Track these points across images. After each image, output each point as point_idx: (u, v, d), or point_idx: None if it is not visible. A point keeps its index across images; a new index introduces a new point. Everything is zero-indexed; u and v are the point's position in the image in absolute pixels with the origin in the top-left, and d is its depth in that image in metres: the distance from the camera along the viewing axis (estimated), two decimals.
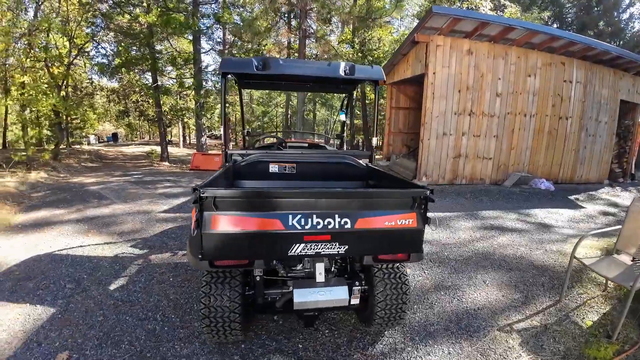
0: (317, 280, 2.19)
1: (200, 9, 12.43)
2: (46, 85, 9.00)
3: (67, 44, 10.33)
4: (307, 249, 1.89)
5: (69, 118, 12.97)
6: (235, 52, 13.67)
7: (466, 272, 3.66)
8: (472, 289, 3.30)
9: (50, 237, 4.67)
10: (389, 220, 1.93)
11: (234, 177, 3.11)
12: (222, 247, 1.86)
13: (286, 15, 12.46)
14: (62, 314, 2.89)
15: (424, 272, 3.65)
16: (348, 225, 1.89)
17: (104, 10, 11.13)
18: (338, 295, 2.15)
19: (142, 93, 18.51)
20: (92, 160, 14.78)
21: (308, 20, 11.24)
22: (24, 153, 8.65)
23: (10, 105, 8.60)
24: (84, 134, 25.89)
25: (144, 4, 10.76)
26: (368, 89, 14.47)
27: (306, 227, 1.86)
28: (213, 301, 2.11)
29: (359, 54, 15.04)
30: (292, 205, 1.89)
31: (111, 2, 11.12)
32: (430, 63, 7.60)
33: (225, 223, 1.82)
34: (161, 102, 13.73)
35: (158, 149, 15.99)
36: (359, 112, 17.89)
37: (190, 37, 12.52)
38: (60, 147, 11.49)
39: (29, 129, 8.57)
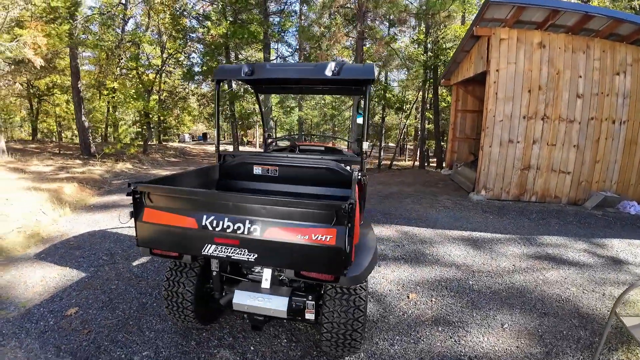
0: (262, 286, 2.14)
1: (270, 19, 13.28)
2: (134, 91, 10.78)
3: (159, 53, 12.27)
4: (218, 251, 1.89)
5: (161, 118, 15.29)
6: (300, 57, 14.26)
7: (485, 308, 2.98)
8: (481, 330, 2.67)
9: (110, 217, 5.51)
10: (303, 233, 1.73)
11: (223, 176, 3.20)
12: (151, 237, 2.05)
13: (342, 17, 12.35)
14: (87, 279, 3.48)
15: (430, 300, 3.11)
16: (257, 233, 1.80)
17: (188, 25, 12.82)
18: (275, 305, 2.06)
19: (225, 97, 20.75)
20: (176, 155, 17.10)
21: (368, 22, 10.94)
22: (114, 147, 10.45)
23: (103, 106, 10.54)
24: (180, 132, 30.33)
25: (213, 18, 12.02)
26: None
27: (217, 229, 1.86)
28: (171, 287, 2.34)
29: (430, 53, 13.99)
30: (209, 206, 1.91)
31: (192, 16, 12.75)
32: (492, 59, 6.55)
33: (152, 216, 2.00)
34: (234, 106, 15.10)
35: (231, 148, 17.70)
36: (430, 116, 16.60)
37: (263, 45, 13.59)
38: (150, 143, 13.60)
39: (118, 127, 10.42)
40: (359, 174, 2.79)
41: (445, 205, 6.55)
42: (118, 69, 10.26)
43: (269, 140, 4.53)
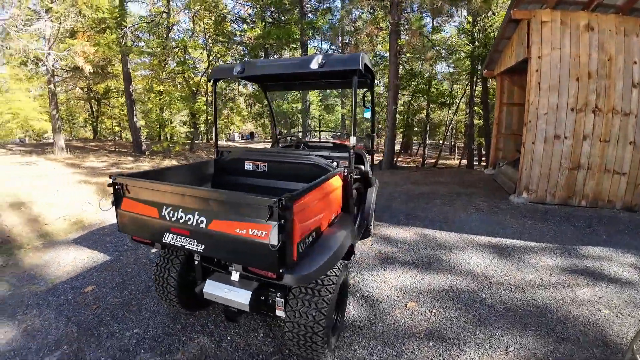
0: (231, 278, 2.18)
1: (309, 17, 13.33)
2: (178, 93, 11.65)
3: (206, 57, 13.10)
4: (174, 240, 1.96)
5: (208, 118, 16.33)
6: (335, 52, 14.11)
7: (491, 326, 2.62)
8: (479, 351, 2.34)
9: None
10: (241, 227, 1.70)
11: (218, 171, 3.30)
12: (129, 224, 2.22)
13: (372, 11, 11.83)
14: (110, 262, 3.86)
15: (430, 311, 2.84)
16: (203, 225, 1.83)
17: (231, 29, 13.45)
18: (238, 298, 2.09)
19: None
20: None
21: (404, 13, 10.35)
22: (161, 145, 11.39)
23: (155, 108, 11.56)
24: (230, 131, 32.12)
25: (247, 20, 12.43)
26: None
27: (172, 219, 1.95)
28: (159, 272, 2.54)
29: (477, 43, 12.85)
30: (167, 197, 1.97)
31: (231, 20, 13.34)
32: (533, 45, 5.73)
33: (129, 205, 2.17)
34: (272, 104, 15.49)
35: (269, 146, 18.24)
36: (480, 111, 15.27)
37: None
38: (197, 142, 14.60)
39: (165, 127, 11.39)
40: (345, 169, 2.64)
41: (479, 208, 5.97)
42: (164, 73, 11.19)
43: (279, 137, 4.57)
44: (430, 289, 3.21)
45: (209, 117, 16.76)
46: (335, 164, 2.79)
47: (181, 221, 1.90)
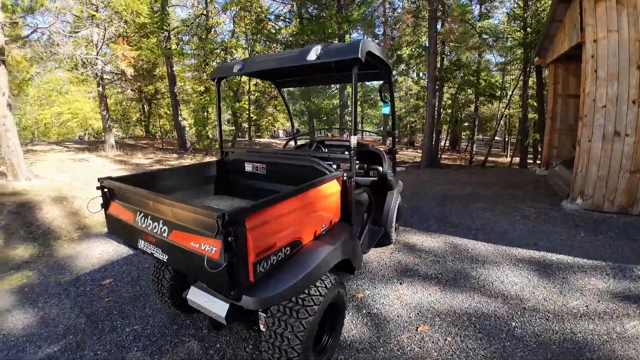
0: None
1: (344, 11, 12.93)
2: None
3: (248, 56, 13.43)
4: (146, 247, 1.90)
5: (250, 117, 16.84)
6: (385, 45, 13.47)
7: None
8: None
9: None
10: (195, 241, 1.54)
11: (222, 173, 3.23)
12: (115, 227, 2.20)
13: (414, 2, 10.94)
14: (131, 257, 4.02)
15: (445, 338, 2.44)
16: (165, 235, 1.71)
17: (270, 28, 13.61)
18: (216, 308, 1.96)
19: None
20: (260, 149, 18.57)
21: None
22: (202, 143, 11.97)
23: (193, 108, 12.13)
24: (275, 128, 32.97)
25: (282, 18, 12.38)
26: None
27: (143, 225, 1.89)
28: (155, 273, 2.57)
29: (529, 29, 11.33)
30: (139, 204, 1.90)
31: (268, 18, 13.45)
32: (587, 27, 4.76)
33: (115, 209, 2.17)
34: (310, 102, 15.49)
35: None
36: (534, 103, 13.56)
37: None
38: (240, 139, 15.09)
39: (206, 126, 11.93)
40: (345, 173, 2.36)
41: (525, 215, 5.21)
42: (205, 74, 11.69)
43: (296, 136, 4.41)
44: (450, 310, 2.79)
45: (252, 115, 17.32)
46: (334, 166, 2.52)
47: (149, 228, 1.84)
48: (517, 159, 14.88)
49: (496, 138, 24.45)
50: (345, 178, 2.34)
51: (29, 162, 7.78)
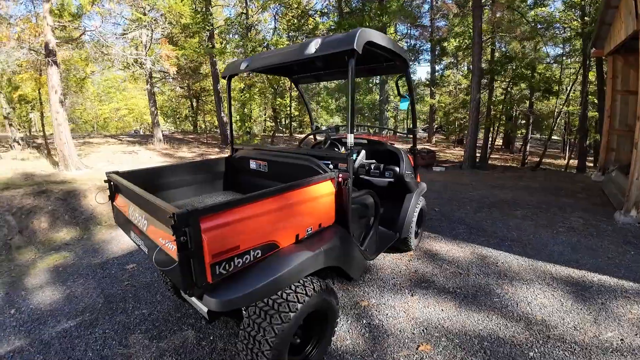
0: None
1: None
2: (257, 89, 12.41)
3: None
4: (135, 239, 1.95)
5: (291, 113, 17.11)
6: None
7: None
8: None
9: None
10: (163, 237, 1.55)
11: (231, 170, 3.27)
12: (117, 218, 2.31)
13: None
14: None
15: None
16: (145, 229, 1.75)
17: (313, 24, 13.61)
18: (200, 305, 1.96)
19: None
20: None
21: None
22: (242, 138, 12.41)
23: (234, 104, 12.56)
24: (319, 124, 33.35)
25: (317, 13, 12.18)
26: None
27: (132, 218, 1.95)
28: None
29: (587, 18, 9.81)
30: (131, 197, 1.96)
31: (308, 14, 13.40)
32: None
33: (119, 201, 2.27)
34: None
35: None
36: (595, 100, 11.82)
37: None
38: (280, 134, 15.41)
39: (245, 122, 12.39)
40: (340, 174, 2.22)
41: (571, 227, 4.56)
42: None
43: (315, 132, 4.35)
44: (461, 331, 2.52)
45: (292, 112, 17.58)
46: (331, 166, 2.38)
47: (135, 221, 1.91)
48: (575, 162, 13.22)
49: (554, 138, 22.00)
50: (340, 179, 2.20)
51: (84, 154, 8.71)
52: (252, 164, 2.98)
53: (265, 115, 24.36)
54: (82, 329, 2.59)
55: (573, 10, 10.78)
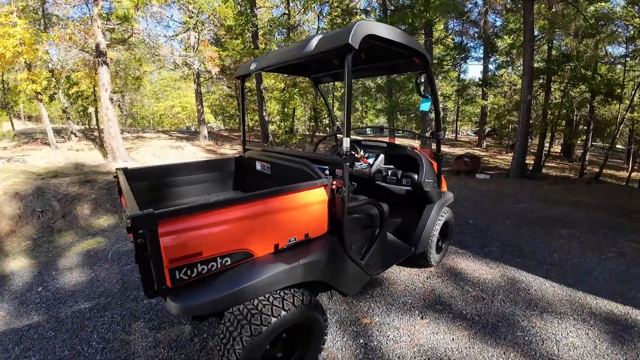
0: None
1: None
2: (296, 89, 12.52)
3: None
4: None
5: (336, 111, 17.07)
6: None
7: None
8: None
9: None
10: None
11: (240, 170, 3.28)
12: (124, 211, 2.33)
13: None
14: None
15: None
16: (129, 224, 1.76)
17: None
18: None
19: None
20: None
21: None
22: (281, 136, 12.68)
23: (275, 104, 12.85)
24: (363, 125, 33.11)
25: (357, 11, 11.79)
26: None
27: (126, 213, 1.94)
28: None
29: None
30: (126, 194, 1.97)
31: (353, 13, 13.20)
32: None
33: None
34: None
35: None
36: None
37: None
38: (318, 133, 15.45)
39: (284, 121, 12.65)
40: (334, 181, 2.08)
41: (622, 252, 3.91)
42: None
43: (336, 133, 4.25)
44: None
45: (335, 112, 17.57)
46: (327, 171, 2.25)
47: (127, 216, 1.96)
48: (637, 174, 11.38)
49: (618, 147, 19.20)
50: (334, 186, 2.07)
51: (135, 147, 9.51)
52: (258, 165, 2.97)
53: (307, 114, 24.67)
54: (95, 311, 2.78)
55: (635, 7, 9.13)
